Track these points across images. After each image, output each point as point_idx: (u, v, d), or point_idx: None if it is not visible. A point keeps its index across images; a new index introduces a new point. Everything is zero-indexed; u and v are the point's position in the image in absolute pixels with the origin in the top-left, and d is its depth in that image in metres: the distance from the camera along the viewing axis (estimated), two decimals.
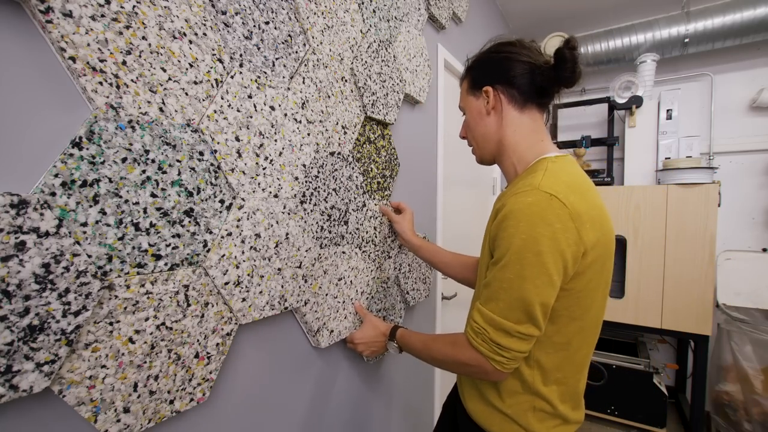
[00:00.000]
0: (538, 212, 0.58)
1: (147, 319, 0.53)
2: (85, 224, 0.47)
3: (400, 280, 1.17)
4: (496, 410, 0.71)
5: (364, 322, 0.95)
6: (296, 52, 0.78)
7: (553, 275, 0.58)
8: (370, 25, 1.03)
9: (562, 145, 2.41)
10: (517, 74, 0.69)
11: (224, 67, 0.64)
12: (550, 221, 0.58)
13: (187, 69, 0.58)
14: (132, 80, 0.51)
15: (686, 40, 2.09)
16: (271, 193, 0.73)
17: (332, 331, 0.89)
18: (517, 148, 0.71)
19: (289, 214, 0.77)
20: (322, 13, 0.86)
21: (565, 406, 0.69)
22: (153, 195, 0.54)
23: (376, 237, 1.06)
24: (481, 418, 0.73)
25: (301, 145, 0.80)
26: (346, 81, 0.94)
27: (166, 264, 0.56)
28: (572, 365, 0.68)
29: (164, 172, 0.55)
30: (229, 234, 0.65)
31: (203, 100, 0.61)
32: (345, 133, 0.94)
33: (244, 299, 0.68)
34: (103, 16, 0.48)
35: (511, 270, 0.59)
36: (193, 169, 0.59)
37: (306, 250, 0.81)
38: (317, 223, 0.85)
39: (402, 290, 1.18)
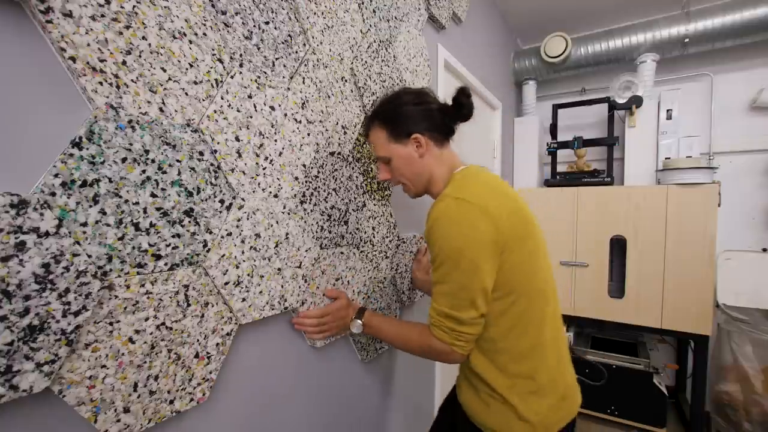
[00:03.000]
0: (450, 215, 0.71)
1: (147, 319, 0.53)
2: (85, 224, 0.47)
3: (396, 280, 1.17)
4: (483, 399, 0.79)
5: (337, 299, 0.91)
6: (296, 52, 0.78)
7: (479, 263, 0.69)
8: (370, 25, 1.03)
9: (561, 146, 2.41)
10: (432, 120, 0.83)
11: (224, 67, 0.64)
12: (462, 219, 0.70)
13: (187, 69, 0.58)
14: (132, 80, 0.51)
15: (686, 40, 2.08)
16: (271, 193, 0.73)
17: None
18: (442, 174, 0.85)
19: (289, 214, 0.77)
20: (322, 13, 0.86)
21: (542, 379, 0.76)
22: (153, 195, 0.54)
23: (374, 237, 1.06)
24: (470, 407, 0.81)
25: (301, 145, 0.80)
26: (346, 81, 0.94)
27: (166, 264, 0.56)
28: (531, 337, 0.76)
29: (164, 172, 0.55)
30: (229, 234, 0.65)
31: (203, 100, 0.61)
32: (345, 133, 0.94)
33: (244, 299, 0.68)
34: (103, 16, 0.48)
35: (445, 267, 0.71)
36: (193, 169, 0.59)
37: (306, 250, 0.81)
38: (317, 223, 0.85)
39: (398, 290, 1.18)
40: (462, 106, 0.82)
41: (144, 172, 0.53)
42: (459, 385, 0.87)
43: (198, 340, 0.60)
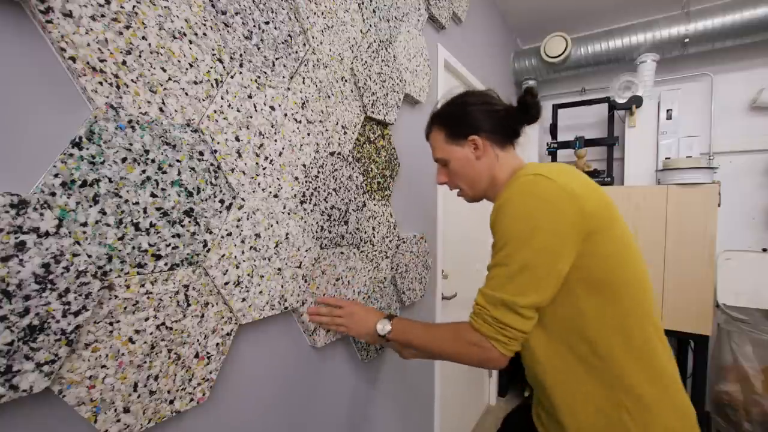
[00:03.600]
0: (527, 189, 0.63)
1: (147, 319, 0.53)
2: (85, 224, 0.47)
3: (396, 280, 1.17)
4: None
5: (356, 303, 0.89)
6: (296, 52, 0.78)
7: (555, 244, 0.60)
8: (370, 25, 1.03)
9: (561, 146, 2.41)
10: (493, 122, 0.79)
11: (224, 67, 0.64)
12: (540, 194, 0.62)
13: (187, 69, 0.58)
14: (132, 80, 0.51)
15: (686, 40, 2.08)
16: (271, 193, 0.73)
17: (328, 331, 0.89)
18: (505, 176, 0.79)
19: (289, 214, 0.77)
20: (322, 13, 0.86)
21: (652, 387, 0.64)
22: (153, 195, 0.54)
23: (374, 237, 1.06)
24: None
25: (301, 145, 0.80)
26: (346, 81, 0.94)
27: (166, 264, 0.56)
28: (638, 332, 0.65)
29: (164, 172, 0.55)
30: (229, 234, 0.65)
31: (203, 100, 0.61)
32: (345, 133, 0.94)
33: (244, 299, 0.68)
34: (103, 16, 0.48)
35: (510, 246, 0.62)
36: (193, 169, 0.59)
37: (306, 250, 0.81)
38: (317, 223, 0.85)
39: (398, 290, 1.18)
40: (528, 107, 0.77)
41: (144, 172, 0.53)
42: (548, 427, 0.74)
43: (198, 340, 0.60)
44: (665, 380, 0.65)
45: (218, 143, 0.63)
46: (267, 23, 0.72)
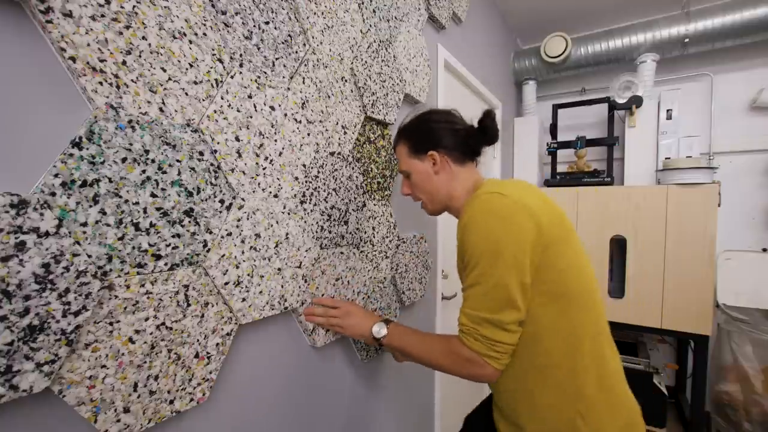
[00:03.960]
0: (486, 209, 0.67)
1: (147, 319, 0.53)
2: (85, 224, 0.47)
3: (396, 280, 1.16)
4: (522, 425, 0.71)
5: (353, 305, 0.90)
6: (296, 52, 0.78)
7: (518, 256, 0.63)
8: (370, 25, 1.03)
9: (561, 146, 2.41)
10: (453, 140, 0.83)
11: (224, 67, 0.64)
12: (499, 212, 0.66)
13: (187, 69, 0.58)
14: (132, 80, 0.51)
15: (686, 40, 2.08)
16: (271, 193, 0.73)
17: (327, 330, 0.89)
18: (463, 192, 0.83)
19: (289, 214, 0.77)
20: (322, 13, 0.86)
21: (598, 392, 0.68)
22: (153, 195, 0.54)
23: (374, 237, 1.06)
24: None
25: (301, 145, 0.80)
26: (346, 81, 0.94)
27: (166, 264, 0.56)
28: (590, 341, 0.68)
29: (164, 172, 0.55)
30: (229, 234, 0.65)
31: (203, 100, 0.61)
32: (345, 133, 0.94)
33: (244, 299, 0.68)
34: (103, 16, 0.48)
35: (481, 266, 0.65)
36: (193, 169, 0.59)
37: (306, 250, 0.81)
38: (317, 223, 0.85)
39: (398, 290, 1.18)
40: (487, 129, 0.82)
41: (144, 172, 0.53)
42: (498, 419, 0.80)
43: (198, 340, 0.60)
44: (612, 381, 0.70)
45: (218, 143, 0.63)
46: (267, 23, 0.72)
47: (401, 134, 0.88)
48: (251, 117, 0.69)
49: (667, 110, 2.21)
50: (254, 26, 0.69)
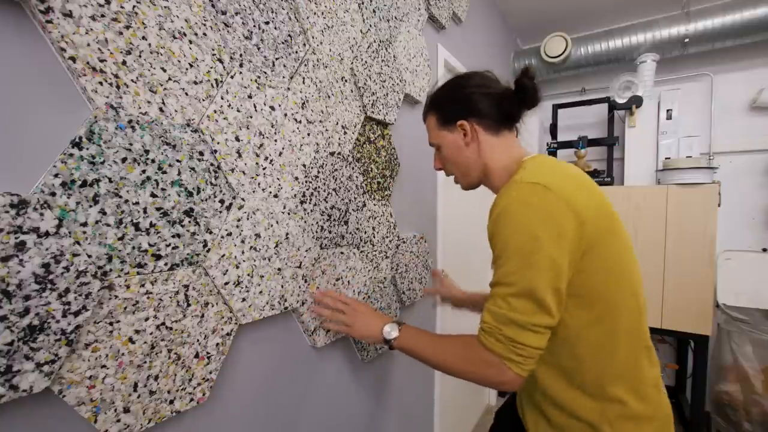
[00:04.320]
0: (525, 201, 0.60)
1: (147, 319, 0.53)
2: (85, 224, 0.47)
3: (396, 280, 1.17)
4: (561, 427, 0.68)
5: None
6: (296, 52, 0.78)
7: (556, 259, 0.57)
8: (370, 25, 1.03)
9: (561, 146, 2.41)
10: (486, 106, 0.74)
11: (224, 67, 0.64)
12: (540, 207, 0.59)
13: (187, 69, 0.58)
14: (132, 80, 0.51)
15: (686, 40, 2.08)
16: (271, 193, 0.73)
17: (328, 331, 0.89)
18: (500, 165, 0.75)
19: (289, 214, 0.77)
20: (322, 13, 0.86)
21: (632, 397, 0.64)
22: (153, 195, 0.54)
23: (374, 237, 1.06)
24: None
25: (301, 145, 0.80)
26: (346, 81, 0.94)
27: (166, 264, 0.56)
28: (624, 354, 0.65)
29: (164, 172, 0.55)
30: (229, 234, 0.65)
31: (203, 100, 0.61)
32: (345, 133, 0.94)
33: (244, 299, 0.68)
34: (103, 16, 0.48)
35: (513, 263, 0.59)
36: (193, 169, 0.59)
37: (306, 250, 0.81)
38: (317, 223, 0.85)
39: (398, 290, 1.18)
40: (525, 89, 0.70)
41: (144, 172, 0.53)
42: (528, 418, 0.76)
43: (198, 340, 0.60)
44: (646, 391, 0.66)
45: (218, 143, 0.63)
46: (267, 23, 0.72)
47: (430, 104, 0.81)
48: (251, 117, 0.69)
49: (667, 110, 2.21)
50: (254, 26, 0.69)
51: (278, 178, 0.75)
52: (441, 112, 0.78)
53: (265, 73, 0.72)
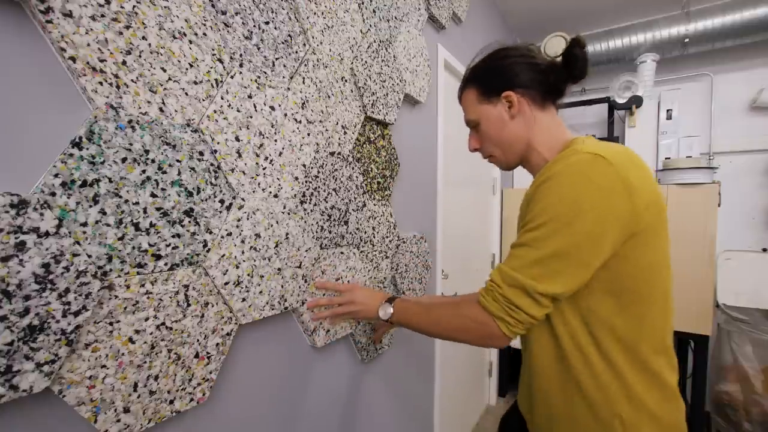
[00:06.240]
0: (582, 170, 0.56)
1: (147, 319, 0.53)
2: (85, 224, 0.47)
3: (396, 279, 1.17)
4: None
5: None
6: (296, 52, 0.78)
7: (602, 232, 0.54)
8: (370, 25, 1.03)
9: None
10: (532, 77, 0.69)
11: (224, 67, 0.64)
12: (595, 179, 0.55)
13: (187, 69, 0.58)
14: (132, 80, 0.51)
15: (686, 40, 2.08)
16: (271, 193, 0.73)
17: (328, 330, 0.89)
18: (545, 142, 0.71)
19: (289, 214, 0.77)
20: (322, 13, 0.86)
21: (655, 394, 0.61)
22: (153, 195, 0.54)
23: (374, 237, 1.06)
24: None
25: (301, 145, 0.80)
26: (346, 81, 0.94)
27: (166, 264, 0.56)
28: (651, 344, 0.62)
29: (164, 172, 0.55)
30: (229, 234, 0.65)
31: (203, 100, 0.61)
32: (345, 133, 0.94)
33: (244, 299, 0.68)
34: (103, 16, 0.48)
35: (546, 229, 0.56)
36: (193, 169, 0.59)
37: (306, 250, 0.81)
38: (317, 223, 0.85)
39: (398, 290, 1.18)
40: (575, 59, 0.66)
41: (144, 172, 0.53)
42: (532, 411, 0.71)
43: (198, 340, 0.60)
44: (666, 393, 0.64)
45: (218, 143, 0.63)
46: (267, 23, 0.72)
47: (468, 78, 0.76)
48: (251, 117, 0.69)
49: (667, 110, 2.21)
50: (254, 26, 0.69)
51: (278, 178, 0.75)
52: (482, 84, 0.73)
53: (265, 73, 0.72)
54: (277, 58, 0.74)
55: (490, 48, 0.75)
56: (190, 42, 0.58)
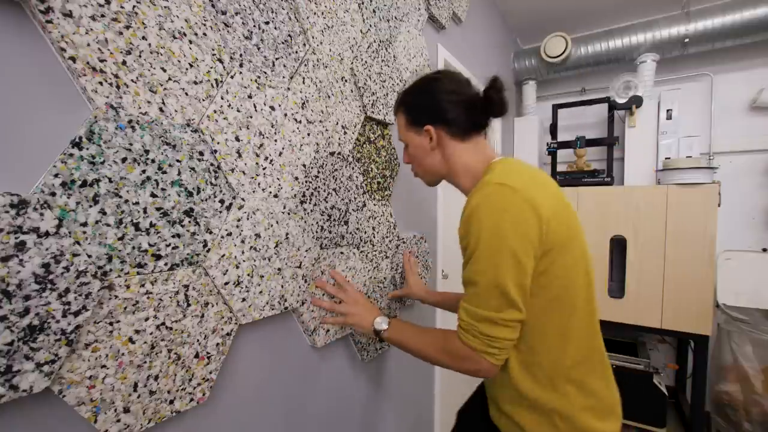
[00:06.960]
0: (493, 202, 0.63)
1: (147, 319, 0.53)
2: (85, 224, 0.47)
3: (396, 280, 1.17)
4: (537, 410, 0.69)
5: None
6: (296, 52, 0.78)
7: (521, 257, 0.61)
8: (370, 25, 1.03)
9: (561, 146, 2.41)
10: (454, 114, 0.75)
11: (224, 67, 0.64)
12: (506, 207, 0.62)
13: (187, 69, 0.58)
14: (132, 80, 0.51)
15: (686, 40, 2.08)
16: (271, 193, 0.73)
17: (328, 330, 0.89)
18: (465, 172, 0.77)
19: (289, 214, 0.77)
20: (322, 13, 0.86)
21: (586, 414, 0.68)
22: (153, 195, 0.54)
23: (374, 237, 1.06)
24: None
25: (301, 145, 0.80)
26: (346, 81, 0.94)
27: (166, 264, 0.56)
28: (578, 349, 0.68)
29: (164, 172, 0.55)
30: (229, 234, 0.65)
31: (203, 100, 0.61)
32: (345, 133, 0.94)
33: (244, 299, 0.68)
34: (103, 16, 0.48)
35: (482, 262, 0.63)
36: (193, 169, 0.59)
37: (306, 250, 0.81)
38: (317, 223, 0.85)
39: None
40: (491, 102, 0.73)
41: (144, 172, 0.53)
42: (501, 412, 0.76)
43: (198, 340, 0.60)
44: (597, 396, 0.69)
45: (218, 143, 0.63)
46: (267, 23, 0.72)
47: (399, 103, 0.82)
48: (251, 117, 0.69)
49: (667, 110, 2.21)
50: (254, 26, 0.69)
51: (278, 178, 0.75)
52: (409, 113, 0.80)
53: (265, 73, 0.72)
54: (277, 58, 0.74)
55: (423, 74, 0.81)
56: (190, 42, 0.58)
